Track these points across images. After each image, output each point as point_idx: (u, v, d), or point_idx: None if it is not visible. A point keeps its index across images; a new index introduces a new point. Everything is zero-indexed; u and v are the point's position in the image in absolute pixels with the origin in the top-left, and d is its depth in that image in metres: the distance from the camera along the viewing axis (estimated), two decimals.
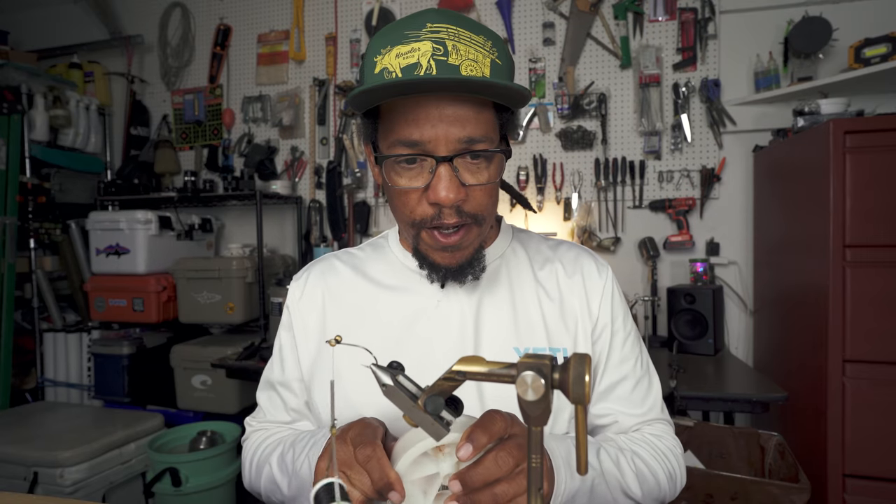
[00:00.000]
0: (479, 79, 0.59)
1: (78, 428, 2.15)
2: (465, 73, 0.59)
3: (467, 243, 0.68)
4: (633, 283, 2.47)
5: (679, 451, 0.78)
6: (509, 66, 0.65)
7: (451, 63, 0.59)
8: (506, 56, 0.65)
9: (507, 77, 0.65)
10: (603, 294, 0.78)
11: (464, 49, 0.60)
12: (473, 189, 0.65)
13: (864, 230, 1.61)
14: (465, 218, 0.66)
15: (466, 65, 0.60)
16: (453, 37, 0.60)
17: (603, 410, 0.78)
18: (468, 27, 0.62)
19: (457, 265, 0.69)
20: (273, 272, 2.67)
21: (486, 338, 0.74)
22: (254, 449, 0.81)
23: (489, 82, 0.58)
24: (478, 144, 0.63)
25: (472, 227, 0.67)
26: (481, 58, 0.61)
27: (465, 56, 0.60)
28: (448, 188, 0.62)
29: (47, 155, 2.71)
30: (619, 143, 2.47)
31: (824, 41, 2.09)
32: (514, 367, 0.48)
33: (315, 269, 0.84)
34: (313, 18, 2.85)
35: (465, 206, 0.65)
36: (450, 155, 0.62)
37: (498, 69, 0.63)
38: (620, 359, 0.79)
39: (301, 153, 2.86)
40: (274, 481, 0.74)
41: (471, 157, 0.63)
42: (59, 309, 2.81)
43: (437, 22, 0.61)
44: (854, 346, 1.62)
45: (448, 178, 0.63)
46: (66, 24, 3.23)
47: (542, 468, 0.48)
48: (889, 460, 1.59)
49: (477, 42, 0.61)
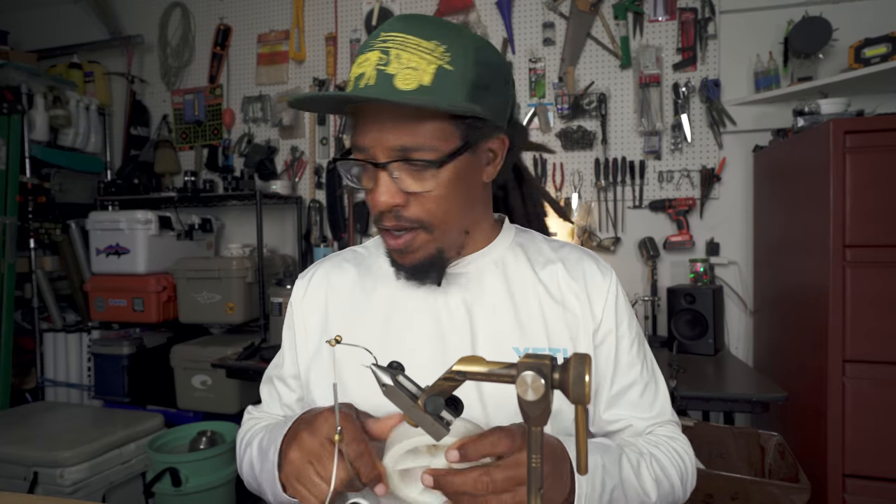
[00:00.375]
0: (385, 96, 0.60)
1: (78, 428, 2.15)
2: (399, 83, 0.60)
3: (415, 248, 0.69)
4: (633, 283, 2.47)
5: (691, 452, 0.78)
6: (467, 72, 0.63)
7: (388, 72, 0.61)
8: (464, 61, 0.62)
9: (459, 83, 0.62)
10: (607, 297, 0.77)
11: (406, 57, 0.61)
12: (417, 195, 0.65)
13: (864, 230, 1.61)
14: (405, 222, 0.67)
15: (404, 74, 0.60)
16: (400, 44, 0.61)
17: (614, 416, 0.78)
18: (421, 32, 0.62)
19: (410, 266, 0.71)
20: (273, 272, 2.67)
21: (484, 337, 0.74)
22: (242, 435, 0.84)
23: (395, 99, 0.59)
24: (414, 153, 0.63)
25: (420, 232, 0.68)
26: (424, 65, 0.61)
27: (405, 64, 0.60)
28: (383, 193, 0.65)
29: (47, 155, 2.71)
30: (619, 143, 2.47)
31: (824, 41, 2.09)
32: (515, 367, 0.48)
33: (321, 268, 0.85)
34: (313, 18, 2.85)
35: (406, 212, 0.66)
36: (385, 161, 0.64)
37: (444, 76, 0.61)
38: (628, 364, 0.78)
39: (301, 153, 2.86)
40: (252, 466, 0.76)
41: (411, 164, 0.64)
42: (59, 309, 2.81)
43: (391, 30, 0.63)
44: (854, 346, 1.62)
45: (384, 184, 0.65)
46: (66, 24, 3.23)
47: (541, 468, 0.48)
48: (889, 460, 1.59)
49: (425, 48, 0.61)
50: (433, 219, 0.67)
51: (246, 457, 0.78)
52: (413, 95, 0.60)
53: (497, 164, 0.73)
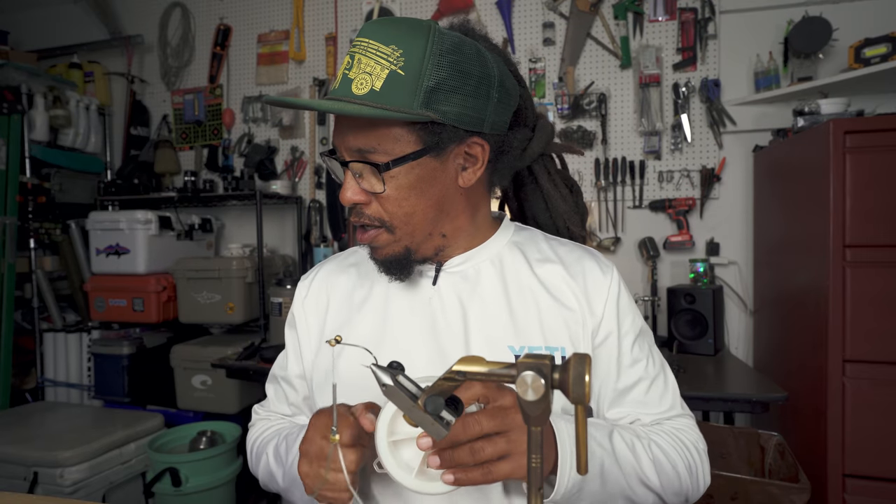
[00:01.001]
0: (331, 105, 0.63)
1: (78, 428, 2.15)
2: (354, 88, 0.63)
3: (379, 244, 0.72)
4: (633, 283, 2.47)
5: (702, 447, 0.76)
6: (422, 76, 0.62)
7: (349, 77, 0.64)
8: (419, 66, 0.62)
9: (410, 87, 0.62)
10: (608, 295, 0.76)
11: (365, 62, 0.64)
12: (378, 196, 0.68)
13: (864, 230, 1.61)
14: (366, 219, 0.70)
15: (360, 78, 0.63)
16: (363, 49, 0.64)
17: (619, 414, 0.77)
18: (383, 37, 0.63)
19: (381, 260, 0.73)
20: (273, 272, 2.67)
21: (478, 335, 0.74)
22: (255, 436, 0.86)
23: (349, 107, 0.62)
24: (369, 155, 0.66)
25: (381, 231, 0.71)
26: (378, 70, 0.63)
27: (363, 69, 0.63)
28: (347, 189, 0.69)
29: (47, 155, 2.71)
30: (619, 143, 2.47)
31: (824, 41, 2.09)
32: (514, 367, 0.48)
33: (322, 270, 0.86)
34: (313, 18, 2.85)
35: (367, 210, 0.70)
36: (347, 160, 0.68)
37: (395, 80, 0.62)
38: (632, 361, 0.77)
39: (301, 153, 2.86)
40: (270, 471, 0.79)
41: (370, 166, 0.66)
42: (59, 309, 2.81)
43: (362, 35, 0.65)
44: (854, 346, 1.62)
45: (348, 181, 0.69)
46: (66, 24, 3.23)
47: (541, 468, 0.48)
48: (889, 460, 1.59)
49: (382, 53, 0.63)
50: (393, 219, 0.69)
51: (262, 464, 0.81)
52: (364, 100, 0.63)
53: (477, 170, 0.71)
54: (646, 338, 0.80)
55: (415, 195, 0.68)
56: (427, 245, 0.73)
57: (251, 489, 2.28)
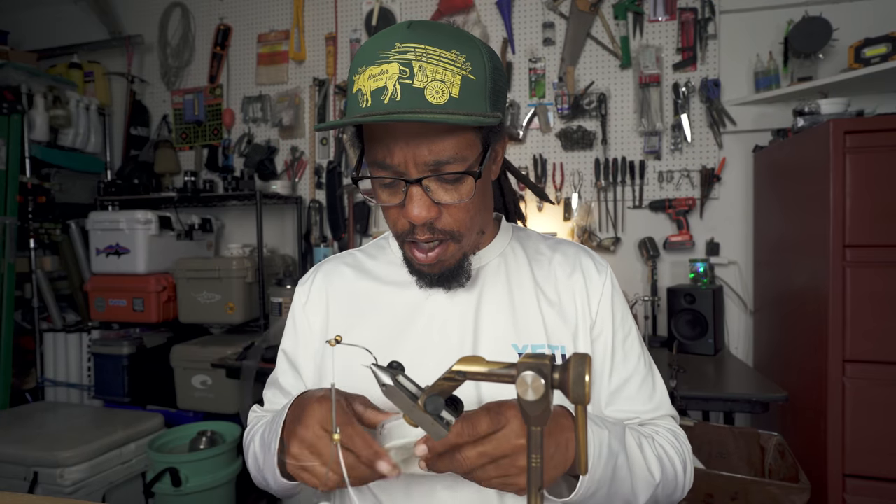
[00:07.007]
0: (429, 117, 0.58)
1: (78, 428, 2.15)
2: (430, 97, 0.59)
3: (444, 258, 0.70)
4: (633, 283, 2.47)
5: (688, 446, 0.79)
6: (486, 79, 0.63)
7: (415, 87, 0.59)
8: (482, 68, 0.62)
9: (482, 91, 0.62)
10: (602, 293, 0.79)
11: (431, 69, 0.59)
12: (448, 207, 0.66)
13: (864, 230, 1.61)
14: (439, 234, 0.67)
15: (432, 87, 0.59)
16: (420, 56, 0.59)
17: (614, 412, 0.79)
18: (439, 42, 0.60)
19: (439, 273, 0.71)
20: (273, 272, 2.67)
21: (484, 335, 0.74)
22: (247, 433, 0.85)
23: (438, 119, 0.58)
24: (446, 166, 0.63)
25: (449, 244, 0.69)
26: (450, 76, 0.60)
27: (431, 77, 0.59)
28: (419, 208, 0.64)
29: (47, 155, 2.71)
30: (619, 143, 2.47)
31: (824, 41, 2.09)
32: (514, 367, 0.48)
33: (320, 273, 0.86)
34: (313, 18, 2.85)
35: (439, 224, 0.67)
36: (419, 177, 0.63)
37: (470, 85, 0.61)
38: (623, 357, 0.79)
39: (301, 153, 2.86)
40: (256, 459, 0.76)
41: (444, 177, 0.64)
42: (59, 309, 2.81)
43: (406, 41, 0.60)
44: (854, 346, 1.62)
45: (418, 198, 0.64)
46: (66, 24, 3.23)
47: (541, 468, 0.48)
48: (889, 460, 1.59)
49: (447, 59, 0.60)
50: (461, 227, 0.68)
51: (250, 451, 0.79)
52: (444, 108, 0.59)
53: (499, 162, 0.75)
54: (636, 337, 0.83)
55: (478, 198, 0.68)
56: (475, 245, 0.75)
57: (251, 489, 2.28)
